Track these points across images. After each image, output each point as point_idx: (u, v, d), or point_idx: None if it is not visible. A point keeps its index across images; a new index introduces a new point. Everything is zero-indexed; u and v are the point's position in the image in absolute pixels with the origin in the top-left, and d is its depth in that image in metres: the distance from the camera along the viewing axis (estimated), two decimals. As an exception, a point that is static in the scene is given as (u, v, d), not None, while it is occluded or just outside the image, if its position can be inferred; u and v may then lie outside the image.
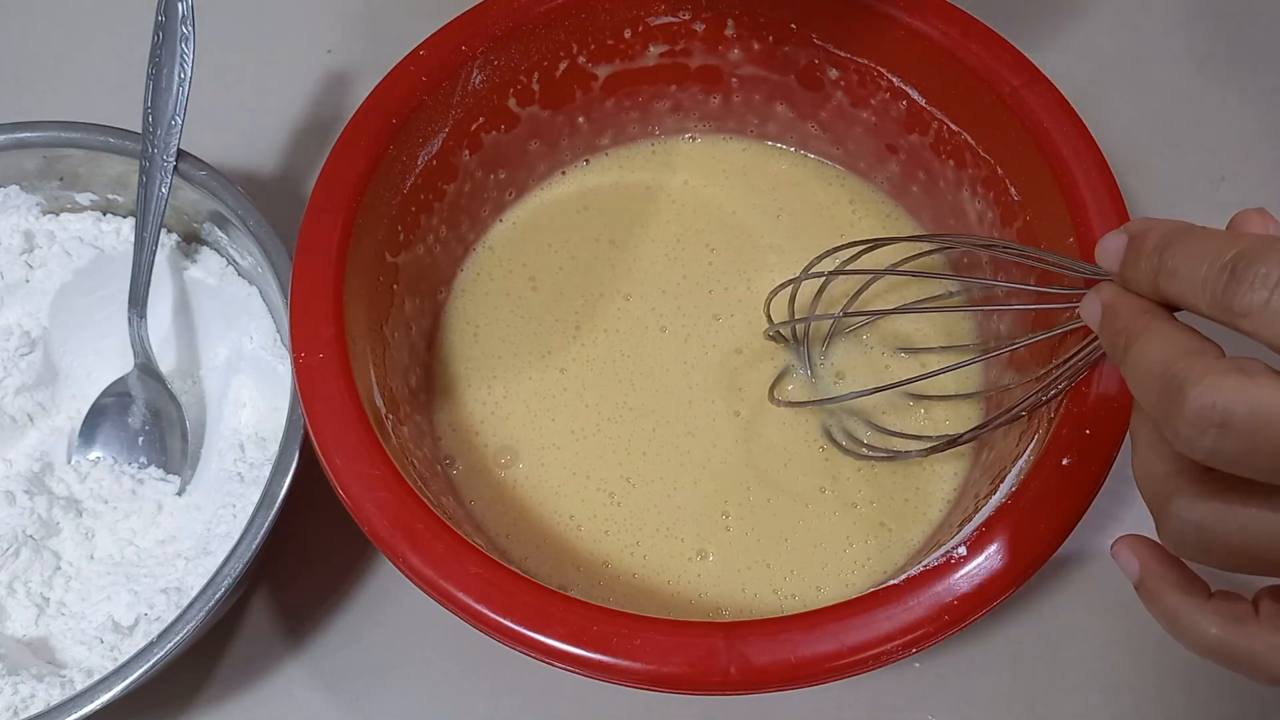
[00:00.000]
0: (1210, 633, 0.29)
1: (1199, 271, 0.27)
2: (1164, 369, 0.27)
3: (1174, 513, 0.27)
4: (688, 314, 0.51)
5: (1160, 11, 0.63)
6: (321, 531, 0.48)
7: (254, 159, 0.59)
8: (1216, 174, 0.58)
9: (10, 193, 0.51)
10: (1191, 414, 0.25)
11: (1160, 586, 0.30)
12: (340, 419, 0.39)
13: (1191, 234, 0.28)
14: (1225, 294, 0.26)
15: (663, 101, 0.54)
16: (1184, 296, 0.28)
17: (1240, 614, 0.29)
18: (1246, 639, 0.28)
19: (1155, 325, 0.28)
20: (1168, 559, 0.31)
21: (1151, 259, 0.29)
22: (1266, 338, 0.25)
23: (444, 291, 0.52)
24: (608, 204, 0.54)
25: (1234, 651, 0.29)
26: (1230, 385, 0.25)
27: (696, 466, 0.47)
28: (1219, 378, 0.25)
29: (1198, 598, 0.30)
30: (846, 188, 0.54)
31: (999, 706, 0.46)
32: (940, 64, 0.47)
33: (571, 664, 0.35)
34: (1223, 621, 0.29)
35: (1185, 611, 0.30)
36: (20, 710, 0.41)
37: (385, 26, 0.64)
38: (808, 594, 0.44)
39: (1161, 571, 0.31)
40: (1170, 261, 0.28)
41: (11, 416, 0.49)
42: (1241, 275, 0.25)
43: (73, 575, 0.46)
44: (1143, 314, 0.29)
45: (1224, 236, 0.27)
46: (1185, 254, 0.28)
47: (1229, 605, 0.29)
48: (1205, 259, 0.27)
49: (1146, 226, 0.30)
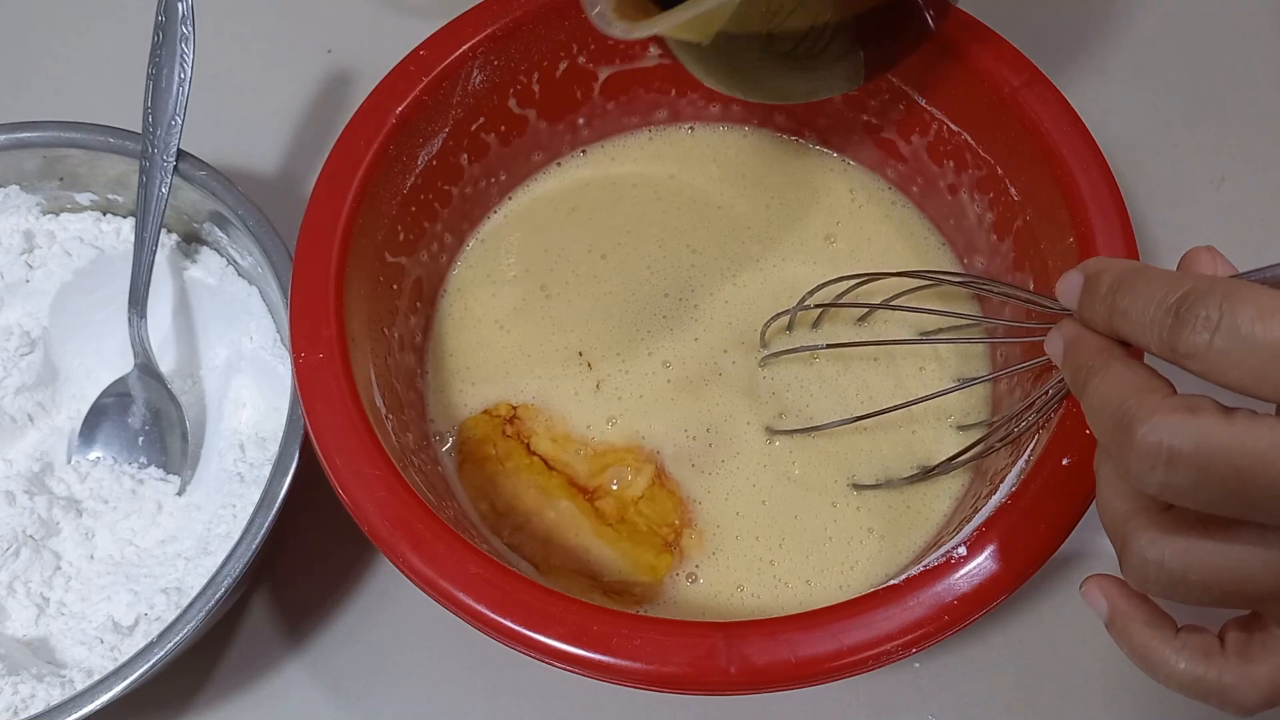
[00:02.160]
0: (1179, 667, 0.30)
1: (1148, 313, 0.27)
2: (1116, 407, 0.27)
3: (1135, 551, 0.28)
4: (687, 313, 0.51)
5: (1160, 11, 0.63)
6: (321, 531, 0.48)
7: (254, 159, 0.59)
8: (1216, 174, 0.58)
9: (10, 193, 0.51)
10: (1140, 451, 0.26)
11: (1129, 625, 0.31)
12: (340, 419, 0.39)
13: (1142, 275, 0.28)
14: (1171, 336, 0.26)
15: (661, 110, 0.54)
16: (1135, 337, 0.28)
17: (1207, 647, 0.30)
18: (1216, 672, 0.29)
19: (1110, 364, 0.29)
20: (1135, 596, 0.31)
21: (1106, 300, 0.29)
22: (1213, 378, 0.26)
23: (442, 290, 0.52)
24: (603, 197, 0.54)
25: (1204, 685, 0.29)
26: (1176, 423, 0.25)
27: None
28: (1165, 416, 0.26)
29: (1165, 632, 0.30)
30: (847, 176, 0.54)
31: (999, 706, 0.46)
32: (940, 64, 0.47)
33: (571, 664, 0.35)
34: (1191, 655, 0.30)
35: (1154, 648, 0.30)
36: (20, 710, 0.41)
37: (385, 26, 0.64)
38: (807, 595, 0.44)
39: (1129, 610, 0.31)
40: (1122, 303, 0.29)
41: (11, 416, 0.49)
42: (1185, 318, 0.26)
43: (73, 575, 0.46)
44: (1100, 352, 0.30)
45: (1171, 278, 0.27)
46: (1135, 295, 0.28)
47: (1196, 639, 0.30)
48: (1153, 300, 0.27)
49: (1101, 267, 0.30)
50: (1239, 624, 0.30)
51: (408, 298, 0.49)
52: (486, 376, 0.50)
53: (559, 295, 0.51)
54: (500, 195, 0.54)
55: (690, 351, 0.50)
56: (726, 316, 0.50)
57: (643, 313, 0.51)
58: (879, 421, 0.46)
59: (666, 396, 0.48)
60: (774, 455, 0.47)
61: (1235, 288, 0.25)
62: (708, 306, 0.51)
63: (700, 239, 0.53)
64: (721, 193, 0.54)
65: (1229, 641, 0.30)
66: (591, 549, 0.45)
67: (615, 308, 0.51)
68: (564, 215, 0.54)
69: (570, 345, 0.50)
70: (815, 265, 0.52)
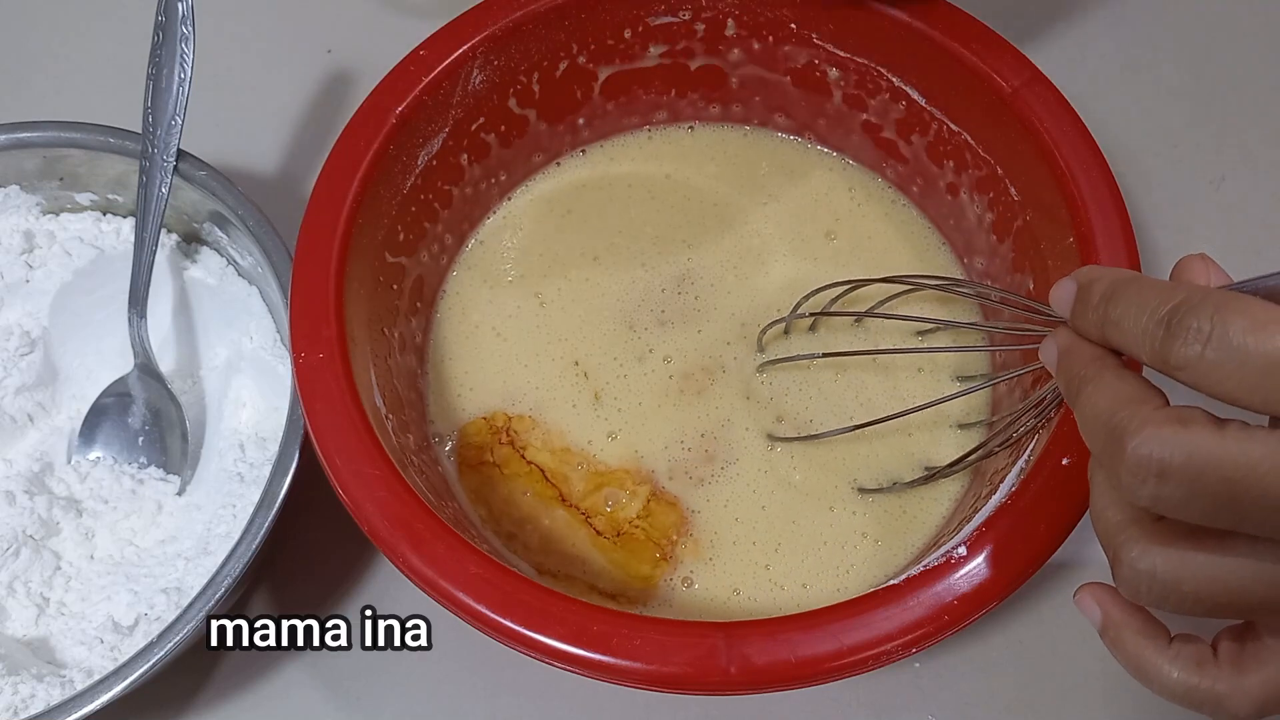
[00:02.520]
0: (1173, 676, 0.30)
1: (1139, 324, 0.27)
2: (1108, 418, 0.27)
3: (1127, 562, 0.28)
4: (687, 304, 0.51)
5: (1160, 11, 0.63)
6: (321, 531, 0.48)
7: (254, 159, 0.59)
8: (1216, 174, 0.58)
9: (10, 193, 0.51)
10: (1131, 463, 0.26)
11: (1122, 634, 0.31)
12: (340, 419, 0.39)
13: (1134, 285, 0.28)
14: (1163, 347, 0.26)
15: (660, 112, 0.54)
16: (1127, 347, 0.28)
17: (1200, 657, 0.30)
18: (1209, 681, 0.29)
19: (1103, 374, 0.29)
20: (1128, 606, 0.31)
21: (1098, 310, 0.29)
22: (1204, 389, 0.26)
23: (441, 292, 0.52)
24: (597, 199, 0.54)
25: (1197, 695, 0.29)
26: (1166, 435, 0.25)
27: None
28: (1156, 429, 0.26)
29: (1159, 642, 0.30)
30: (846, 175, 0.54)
31: (999, 706, 0.46)
32: (940, 64, 0.47)
33: (571, 664, 0.35)
34: (1184, 665, 0.30)
35: (1147, 657, 0.30)
36: (20, 710, 0.41)
37: (385, 26, 0.64)
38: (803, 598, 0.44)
39: (1123, 619, 0.31)
40: (1114, 313, 0.29)
41: (11, 416, 0.49)
42: (1176, 330, 0.26)
43: (73, 575, 0.46)
44: (1093, 361, 0.30)
45: (1163, 288, 0.27)
46: (1127, 305, 0.28)
47: (1190, 649, 0.30)
48: (1145, 311, 0.27)
49: (1094, 276, 0.30)
50: (1232, 634, 0.30)
51: (408, 298, 0.49)
52: (485, 384, 0.49)
53: (553, 303, 0.51)
54: (500, 196, 0.54)
55: (693, 344, 0.50)
56: (730, 307, 0.50)
57: (639, 310, 0.51)
58: (879, 429, 0.46)
59: (668, 401, 0.48)
60: (774, 461, 0.47)
61: (1227, 299, 0.25)
62: (709, 297, 0.51)
63: (695, 234, 0.53)
64: (718, 190, 0.54)
65: (1222, 651, 0.30)
66: (588, 558, 0.45)
67: (610, 311, 0.51)
68: (559, 218, 0.54)
69: (566, 355, 0.50)
70: (816, 262, 0.52)
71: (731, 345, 0.50)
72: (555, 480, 0.47)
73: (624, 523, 0.46)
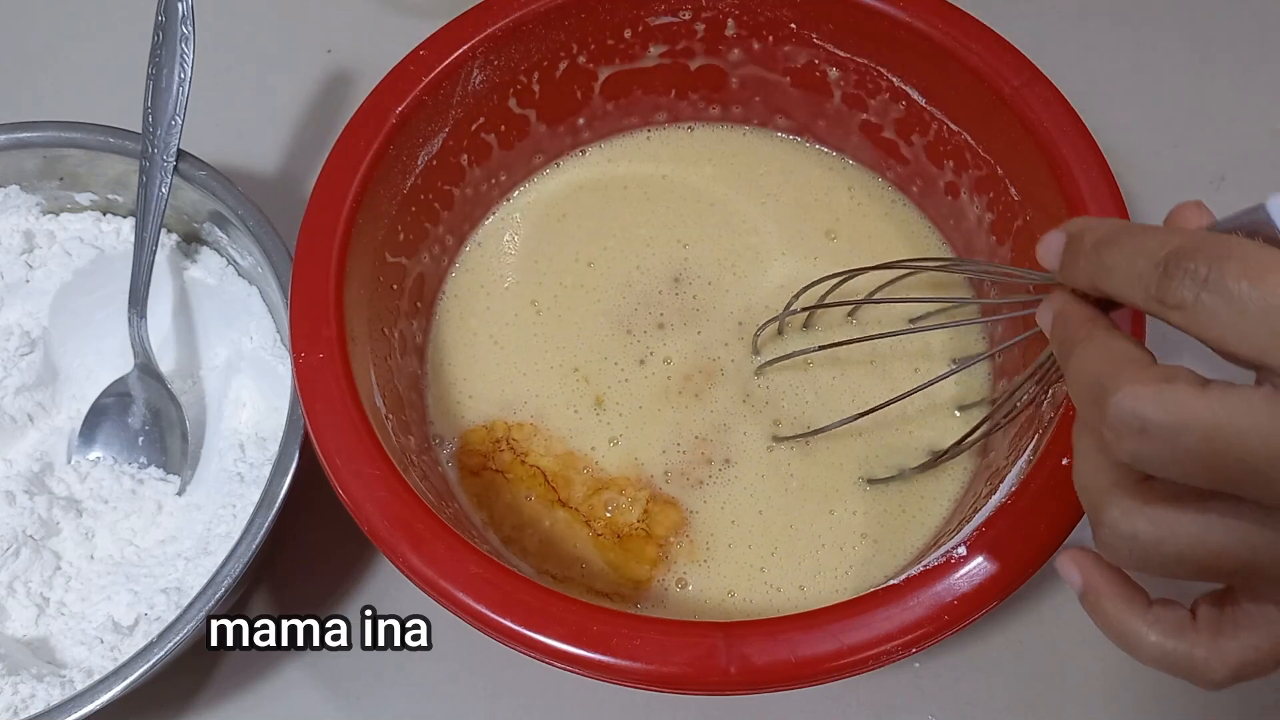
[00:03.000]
0: (1150, 640, 0.29)
1: (1135, 267, 0.27)
2: (1094, 376, 0.27)
3: (1108, 523, 0.28)
4: (686, 304, 0.51)
5: (1160, 11, 0.63)
6: (321, 531, 0.48)
7: (254, 159, 0.59)
8: (1216, 174, 0.58)
9: (10, 193, 0.51)
10: (1112, 418, 0.26)
11: (1101, 598, 0.31)
12: (340, 419, 0.39)
13: (1129, 231, 0.28)
14: (1159, 289, 0.26)
15: (660, 112, 0.54)
16: (1121, 293, 0.28)
17: (1179, 622, 0.30)
18: (1187, 645, 0.29)
19: (1094, 334, 0.29)
20: (1109, 570, 0.31)
21: (1090, 257, 0.29)
22: (1197, 333, 0.26)
23: (441, 294, 0.52)
24: (592, 202, 0.54)
25: (1174, 659, 0.29)
26: (1148, 393, 0.25)
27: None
28: (1139, 386, 0.26)
29: (1138, 606, 0.30)
30: (846, 175, 0.54)
31: (999, 706, 0.46)
32: (940, 64, 0.47)
33: (571, 664, 0.35)
34: (1163, 629, 0.29)
35: (1126, 621, 0.30)
36: (20, 710, 0.41)
37: (385, 26, 0.64)
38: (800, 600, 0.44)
39: (1103, 583, 0.31)
40: (1108, 259, 0.28)
41: (11, 416, 0.49)
42: (1173, 271, 0.26)
43: (73, 575, 0.46)
44: (1086, 322, 0.30)
45: (1159, 232, 0.27)
46: (1122, 251, 0.28)
47: (1169, 613, 0.30)
48: (1140, 255, 0.27)
49: (1085, 225, 0.30)
50: (1211, 599, 0.30)
51: (409, 299, 0.49)
52: (484, 392, 0.49)
53: (549, 310, 0.51)
54: (500, 196, 0.54)
55: (692, 346, 0.50)
56: (728, 306, 0.50)
57: (637, 314, 0.51)
58: (880, 420, 0.46)
59: (668, 404, 0.48)
60: (773, 464, 0.47)
61: (1227, 244, 0.25)
62: (706, 297, 0.51)
63: (690, 233, 0.53)
64: (715, 190, 0.54)
65: (1200, 616, 0.30)
66: (587, 559, 0.45)
67: (606, 316, 0.51)
68: (555, 222, 0.54)
69: (565, 362, 0.50)
70: (816, 260, 0.52)
71: (730, 346, 0.50)
72: (556, 484, 0.47)
73: (624, 526, 0.46)
